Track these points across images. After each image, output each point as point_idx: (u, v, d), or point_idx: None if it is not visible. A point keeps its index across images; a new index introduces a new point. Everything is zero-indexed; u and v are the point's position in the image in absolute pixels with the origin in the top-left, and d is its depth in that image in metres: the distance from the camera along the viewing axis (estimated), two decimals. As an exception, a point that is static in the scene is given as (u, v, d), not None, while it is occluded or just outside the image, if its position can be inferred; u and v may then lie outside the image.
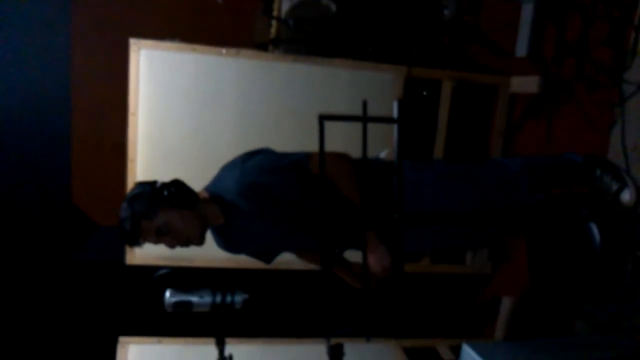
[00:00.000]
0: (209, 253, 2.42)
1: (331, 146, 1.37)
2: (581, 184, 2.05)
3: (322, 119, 1.28)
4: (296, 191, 1.54)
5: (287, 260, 2.46)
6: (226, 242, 1.74)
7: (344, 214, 1.54)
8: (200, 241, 1.59)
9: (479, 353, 1.47)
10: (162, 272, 1.64)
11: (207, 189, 1.65)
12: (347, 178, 1.53)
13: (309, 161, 1.55)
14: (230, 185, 1.56)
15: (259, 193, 1.53)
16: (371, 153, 1.54)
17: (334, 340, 1.50)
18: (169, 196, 1.52)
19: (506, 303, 2.72)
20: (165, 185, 1.56)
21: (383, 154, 1.81)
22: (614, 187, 1.98)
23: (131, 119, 2.46)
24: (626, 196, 1.97)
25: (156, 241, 1.56)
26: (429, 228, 1.72)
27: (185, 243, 1.57)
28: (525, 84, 2.71)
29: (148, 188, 1.55)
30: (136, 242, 1.55)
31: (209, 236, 1.68)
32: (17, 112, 3.02)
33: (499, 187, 1.80)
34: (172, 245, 1.57)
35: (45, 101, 3.09)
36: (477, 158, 2.96)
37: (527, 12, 2.68)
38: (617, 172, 2.02)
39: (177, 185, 1.56)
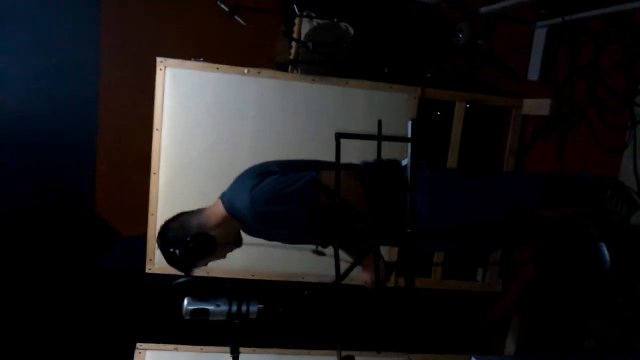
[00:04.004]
0: (226, 264, 2.49)
1: (347, 159, 1.43)
2: (591, 204, 2.07)
3: (339, 137, 1.34)
4: (307, 215, 1.56)
5: (301, 272, 2.52)
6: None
7: (356, 232, 1.59)
8: (239, 246, 1.71)
9: (488, 367, 1.49)
10: (181, 280, 1.69)
11: (224, 200, 1.65)
12: (356, 199, 1.52)
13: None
14: (245, 213, 1.57)
15: (273, 220, 1.56)
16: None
17: (344, 353, 1.54)
18: (194, 251, 1.60)
19: (517, 321, 2.72)
20: (187, 244, 1.60)
21: (406, 162, 1.86)
22: (624, 209, 2.01)
23: (155, 135, 2.55)
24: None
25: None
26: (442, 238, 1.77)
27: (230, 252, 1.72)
28: (538, 106, 2.75)
29: (176, 255, 1.62)
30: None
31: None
32: (46, 124, 3.14)
33: (512, 201, 1.82)
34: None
35: (72, 115, 3.21)
36: (492, 171, 2.98)
37: (540, 37, 2.74)
38: (628, 194, 2.05)
39: (195, 241, 1.59)
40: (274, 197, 1.51)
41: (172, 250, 1.60)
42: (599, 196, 2.03)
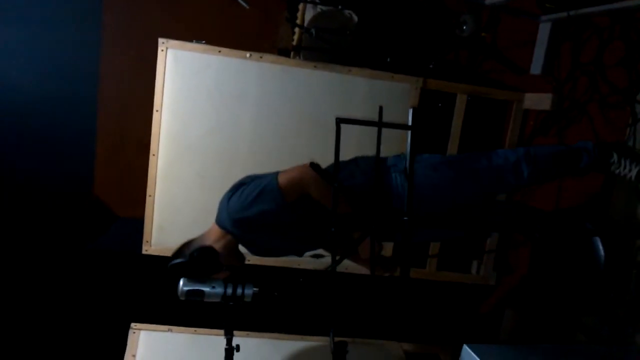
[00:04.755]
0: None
1: (345, 148, 1.43)
2: (596, 170, 2.02)
3: (340, 122, 1.35)
4: (278, 213, 1.65)
5: (297, 258, 2.53)
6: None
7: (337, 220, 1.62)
8: (241, 261, 1.83)
9: (479, 355, 1.51)
10: (177, 261, 1.70)
11: (215, 219, 1.76)
12: (315, 187, 1.63)
13: (278, 184, 1.63)
14: (227, 224, 1.70)
15: (251, 226, 1.67)
16: (383, 154, 1.60)
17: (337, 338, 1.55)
18: (198, 259, 1.65)
19: (509, 314, 2.74)
20: (191, 254, 1.68)
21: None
22: (634, 170, 1.96)
23: (155, 116, 2.54)
24: None
25: None
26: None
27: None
28: (539, 100, 2.75)
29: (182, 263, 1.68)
30: None
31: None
32: (46, 105, 3.13)
33: (497, 175, 1.81)
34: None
35: (73, 95, 3.20)
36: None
37: (544, 31, 2.73)
38: (635, 154, 2.00)
39: (198, 251, 1.67)
40: (243, 204, 1.65)
41: (178, 261, 1.68)
42: (603, 162, 1.99)
